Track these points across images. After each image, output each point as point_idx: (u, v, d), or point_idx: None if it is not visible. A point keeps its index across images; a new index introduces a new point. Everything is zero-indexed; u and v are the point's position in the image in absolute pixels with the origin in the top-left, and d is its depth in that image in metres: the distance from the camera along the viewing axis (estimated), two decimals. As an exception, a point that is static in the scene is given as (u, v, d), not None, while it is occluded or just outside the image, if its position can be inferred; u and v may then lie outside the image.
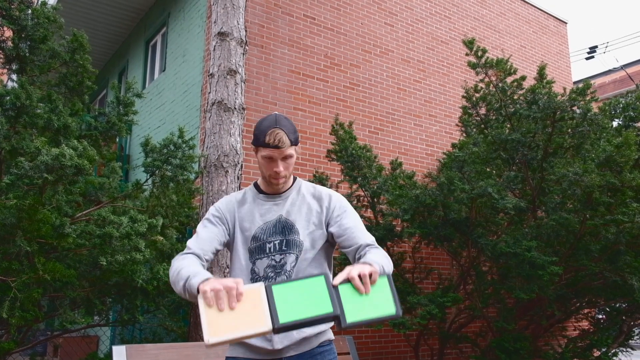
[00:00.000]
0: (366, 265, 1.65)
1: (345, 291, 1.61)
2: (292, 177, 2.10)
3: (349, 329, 1.58)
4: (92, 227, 3.59)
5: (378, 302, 1.60)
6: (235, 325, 1.52)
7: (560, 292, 5.83)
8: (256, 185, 2.11)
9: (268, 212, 2.03)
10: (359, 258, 1.94)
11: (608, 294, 5.91)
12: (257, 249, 1.99)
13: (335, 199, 2.08)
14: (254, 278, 1.97)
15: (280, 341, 1.92)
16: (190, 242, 1.96)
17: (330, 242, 2.05)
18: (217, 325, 1.52)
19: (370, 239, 1.99)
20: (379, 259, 1.82)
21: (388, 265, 1.87)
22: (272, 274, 1.95)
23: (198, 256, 1.90)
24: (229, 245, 2.06)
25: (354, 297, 1.60)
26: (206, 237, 1.97)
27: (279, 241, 1.98)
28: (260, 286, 1.58)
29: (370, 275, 1.62)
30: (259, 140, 1.96)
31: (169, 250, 4.30)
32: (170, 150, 4.33)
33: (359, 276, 1.61)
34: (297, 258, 1.97)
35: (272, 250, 1.97)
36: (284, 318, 1.54)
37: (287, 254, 1.97)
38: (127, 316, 4.27)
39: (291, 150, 1.96)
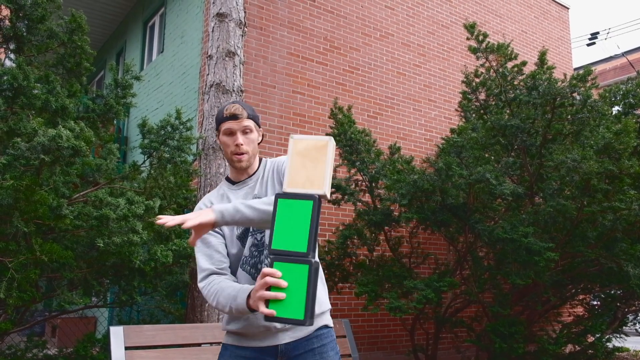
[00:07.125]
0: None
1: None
2: (257, 158, 2.09)
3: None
4: (89, 208, 3.58)
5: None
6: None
7: (556, 278, 5.86)
8: (227, 179, 2.11)
9: (245, 198, 2.02)
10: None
11: (603, 281, 5.95)
12: (243, 234, 1.98)
13: (282, 166, 2.04)
14: (243, 261, 1.96)
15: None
16: (201, 262, 1.94)
17: None
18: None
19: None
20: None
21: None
22: (256, 253, 1.95)
23: (216, 273, 1.90)
24: None
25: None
26: (210, 252, 1.95)
27: None
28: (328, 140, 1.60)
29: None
30: (218, 118, 1.99)
31: (167, 232, 4.30)
32: (168, 132, 4.31)
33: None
34: None
35: (253, 229, 1.97)
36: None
37: (265, 231, 1.96)
38: (125, 297, 4.28)
39: (250, 123, 1.97)
